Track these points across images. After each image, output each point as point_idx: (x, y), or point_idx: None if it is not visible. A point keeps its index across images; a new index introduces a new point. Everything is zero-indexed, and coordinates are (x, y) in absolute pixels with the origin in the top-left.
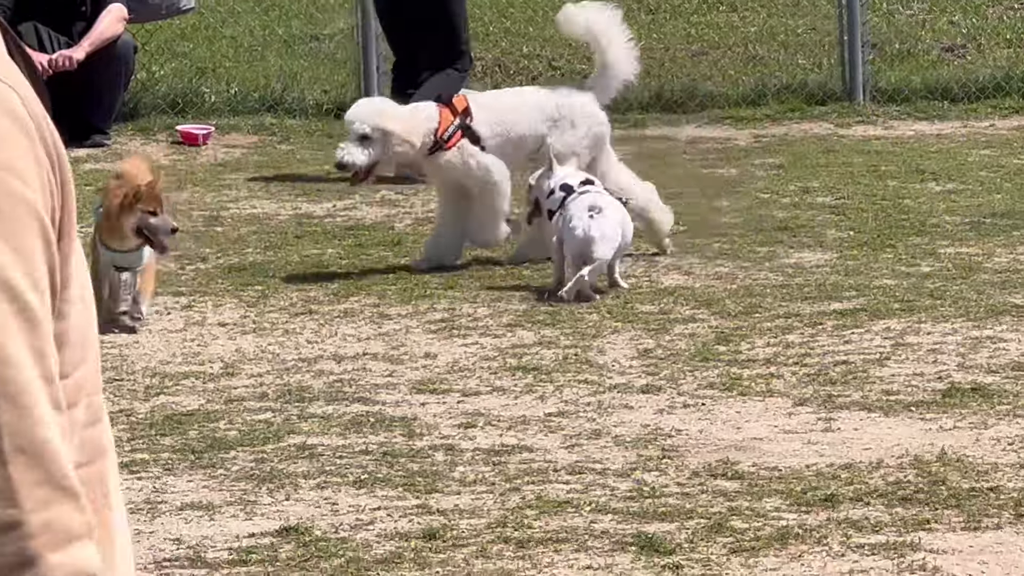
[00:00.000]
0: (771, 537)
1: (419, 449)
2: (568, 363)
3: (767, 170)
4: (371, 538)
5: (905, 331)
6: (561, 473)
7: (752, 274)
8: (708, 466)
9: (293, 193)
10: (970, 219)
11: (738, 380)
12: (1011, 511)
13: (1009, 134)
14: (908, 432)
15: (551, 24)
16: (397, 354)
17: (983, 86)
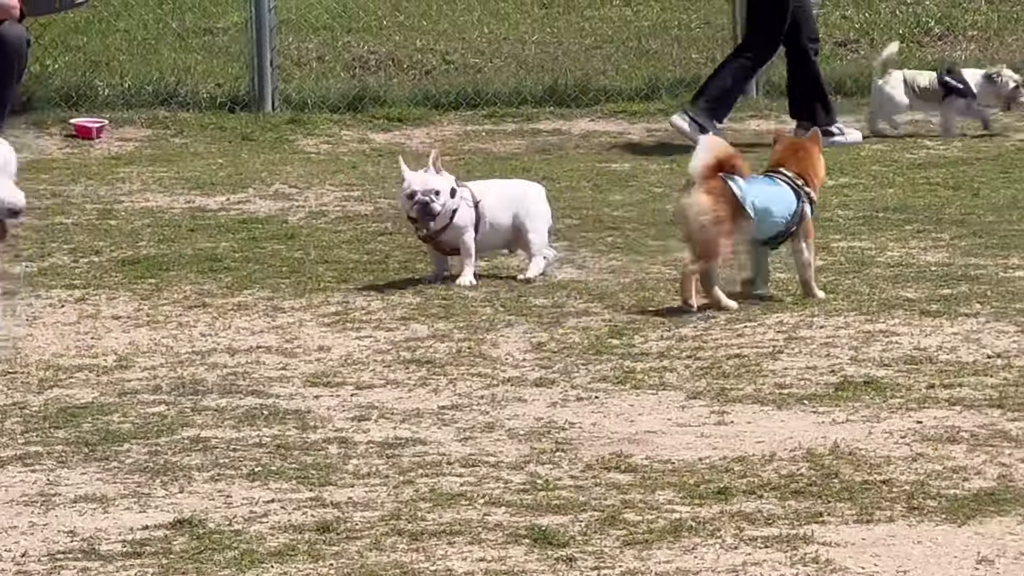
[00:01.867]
0: (664, 530)
1: (313, 442)
2: (462, 356)
3: (660, 164)
4: (264, 531)
5: (798, 325)
6: (455, 466)
7: (645, 267)
8: (601, 459)
9: (187, 186)
10: (863, 213)
11: (631, 373)
12: (903, 504)
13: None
14: (801, 425)
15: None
16: (291, 347)
17: None
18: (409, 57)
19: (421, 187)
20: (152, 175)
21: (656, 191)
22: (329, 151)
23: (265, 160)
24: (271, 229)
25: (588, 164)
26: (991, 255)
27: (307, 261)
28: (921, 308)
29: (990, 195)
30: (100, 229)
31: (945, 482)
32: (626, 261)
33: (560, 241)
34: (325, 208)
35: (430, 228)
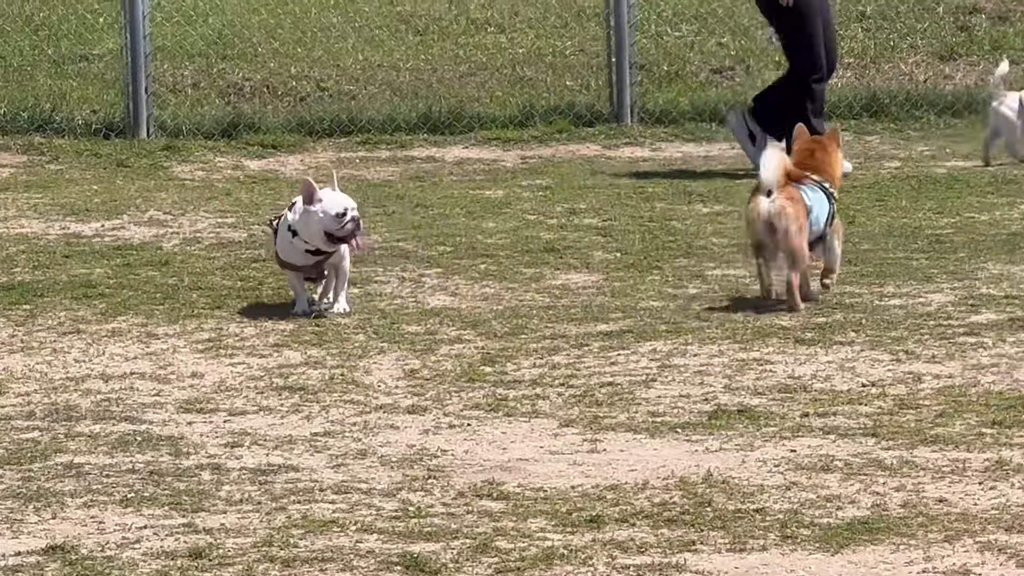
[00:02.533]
0: (536, 558)
1: (185, 468)
2: (334, 383)
3: (534, 191)
4: (137, 557)
5: (672, 353)
6: (327, 492)
7: (519, 295)
8: (474, 486)
9: (62, 213)
10: (737, 241)
11: (504, 401)
12: (777, 533)
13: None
14: (674, 453)
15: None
16: (164, 373)
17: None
18: (284, 84)
19: (351, 204)
20: (27, 201)
21: (529, 218)
22: (203, 178)
23: (140, 187)
24: (145, 256)
25: (462, 191)
26: (866, 283)
27: (181, 287)
28: (795, 336)
29: (866, 223)
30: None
31: (819, 511)
32: (499, 288)
33: (434, 268)
34: (199, 235)
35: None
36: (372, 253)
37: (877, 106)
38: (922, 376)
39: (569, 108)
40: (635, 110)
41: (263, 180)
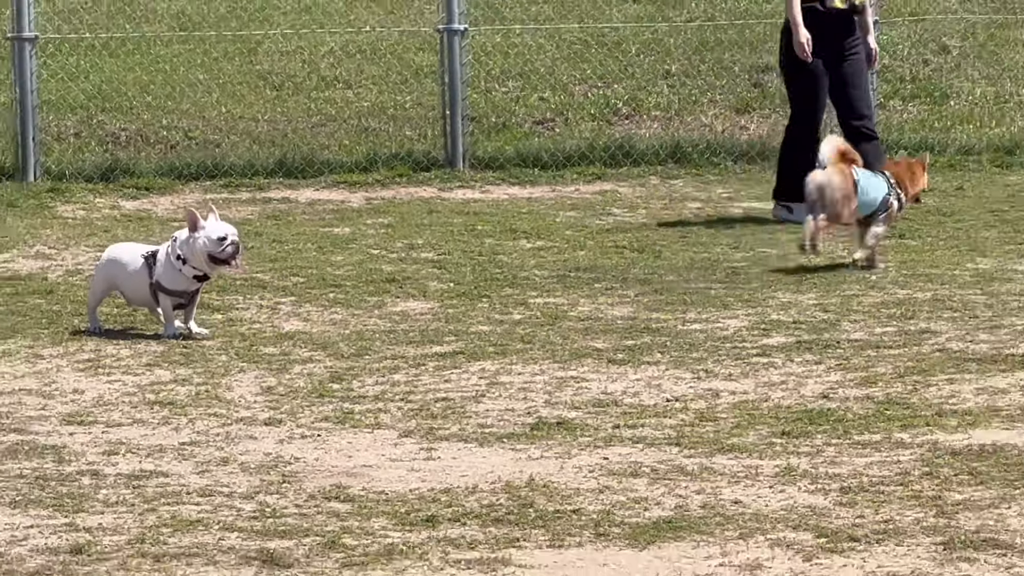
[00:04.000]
0: (379, 553)
1: (68, 474)
2: (200, 399)
3: (377, 229)
4: (24, 552)
5: (499, 371)
6: (193, 495)
7: (363, 320)
8: (323, 490)
9: None
10: (557, 273)
11: (350, 414)
12: (591, 531)
13: (592, 197)
14: (501, 461)
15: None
16: (49, 390)
17: (569, 155)
18: (156, 133)
19: (232, 230)
20: None
21: (373, 252)
22: (84, 216)
23: (28, 224)
24: (32, 285)
25: (313, 228)
26: (671, 310)
27: (64, 314)
28: (608, 357)
29: (671, 257)
30: None
31: (628, 511)
32: (346, 314)
33: (288, 296)
34: (80, 267)
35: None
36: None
37: (681, 153)
38: (719, 392)
39: (408, 155)
40: (467, 157)
41: (137, 219)
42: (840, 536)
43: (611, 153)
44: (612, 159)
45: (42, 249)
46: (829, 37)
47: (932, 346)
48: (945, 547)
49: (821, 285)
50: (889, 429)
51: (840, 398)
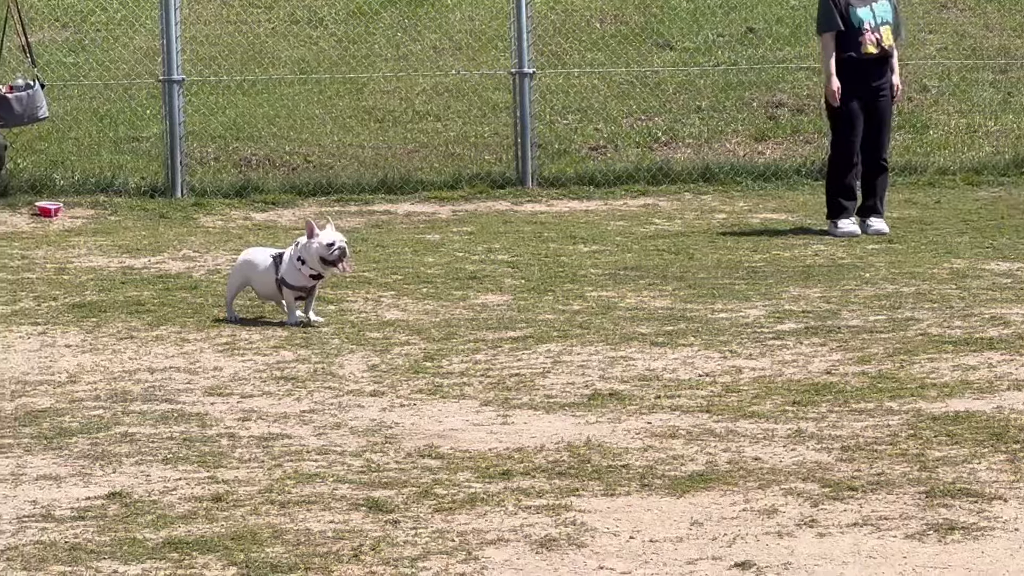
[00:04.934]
0: (464, 500)
1: (209, 436)
2: (317, 374)
3: (462, 235)
4: (174, 500)
5: (561, 352)
6: (312, 454)
7: (450, 310)
8: (418, 449)
9: (120, 251)
10: (609, 271)
11: (440, 387)
12: (638, 482)
13: (637, 210)
14: (563, 425)
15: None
16: (194, 367)
17: (619, 175)
18: (280, 158)
19: (339, 238)
20: (95, 243)
21: (458, 255)
22: (222, 226)
23: (176, 232)
24: (180, 282)
25: (409, 235)
26: (702, 302)
27: (206, 305)
28: (651, 340)
29: (702, 258)
30: (56, 282)
31: (668, 466)
32: (436, 306)
33: (389, 291)
34: (219, 267)
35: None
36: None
37: (710, 174)
38: (742, 369)
39: (487, 175)
40: (534, 177)
41: (265, 227)
42: (841, 486)
43: (652, 173)
44: (653, 178)
45: (188, 252)
46: (865, 80)
47: (916, 331)
48: (927, 495)
49: (824, 282)
50: (881, 399)
51: (841, 373)
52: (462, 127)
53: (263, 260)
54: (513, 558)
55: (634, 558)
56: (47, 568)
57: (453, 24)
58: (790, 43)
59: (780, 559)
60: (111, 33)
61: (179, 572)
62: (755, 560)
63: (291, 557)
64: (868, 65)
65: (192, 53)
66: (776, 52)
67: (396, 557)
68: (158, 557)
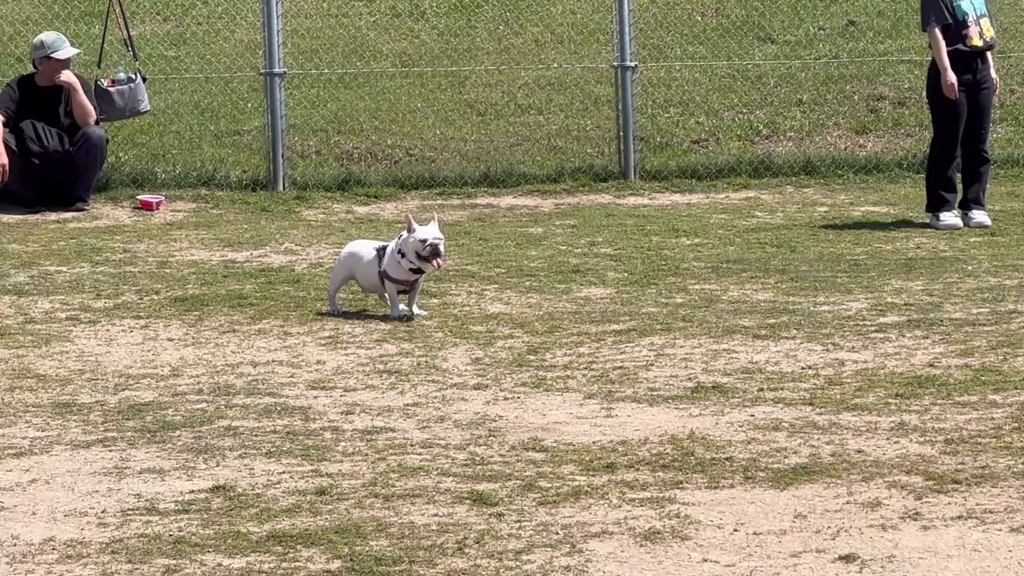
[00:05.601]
0: (568, 493)
1: (313, 430)
2: (420, 368)
3: (564, 228)
4: (278, 494)
5: (664, 345)
6: (416, 447)
7: (554, 303)
8: (522, 442)
9: (221, 245)
10: (711, 264)
11: (544, 380)
12: (741, 475)
13: (739, 203)
14: (667, 418)
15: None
16: (297, 361)
17: (720, 168)
18: (382, 151)
19: (435, 235)
20: (196, 236)
21: (561, 248)
22: (324, 219)
23: (278, 226)
24: (282, 275)
25: (512, 228)
26: (804, 295)
27: (309, 299)
28: (754, 333)
29: (804, 251)
30: (158, 275)
31: (771, 459)
32: (540, 299)
33: (492, 284)
34: (322, 260)
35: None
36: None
37: (811, 167)
38: (844, 362)
39: (589, 168)
40: (637, 170)
41: (367, 221)
42: (945, 479)
43: (754, 167)
44: (755, 171)
45: (290, 246)
46: (970, 72)
47: (1019, 324)
48: None
49: (927, 275)
50: (984, 392)
51: (944, 366)
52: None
53: (367, 252)
54: (617, 551)
55: (738, 551)
56: (152, 561)
57: (555, 17)
58: (891, 36)
59: (884, 552)
60: (212, 27)
61: (283, 565)
62: (859, 553)
63: (395, 550)
64: (973, 57)
65: (293, 46)
66: (877, 45)
67: (500, 550)
68: (262, 550)
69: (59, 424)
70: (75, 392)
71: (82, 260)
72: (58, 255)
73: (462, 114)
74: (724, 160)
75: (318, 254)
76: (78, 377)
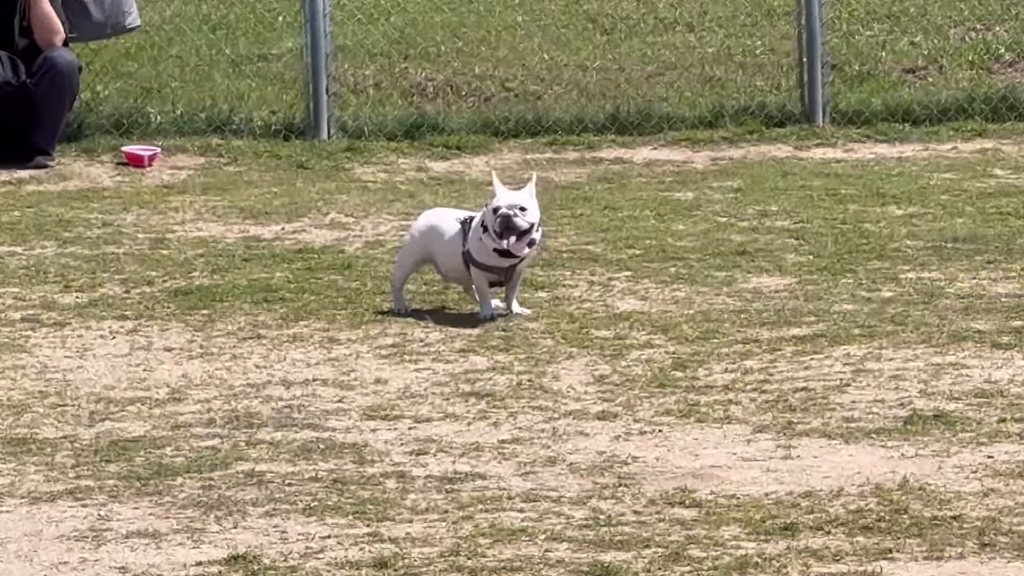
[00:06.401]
0: (730, 567)
1: (370, 476)
2: (522, 389)
3: (724, 193)
4: (321, 567)
5: (866, 357)
6: (515, 501)
7: (709, 299)
8: (665, 494)
9: (240, 215)
10: (932, 243)
11: (696, 406)
12: (975, 540)
13: (971, 157)
14: (869, 460)
15: (504, 44)
16: (347, 379)
17: (945, 108)
18: (468, 84)
19: (508, 201)
20: (205, 204)
21: (720, 220)
22: (386, 179)
23: (320, 189)
24: (327, 259)
25: (651, 193)
26: None
27: (364, 292)
28: (992, 340)
29: None
30: (152, 259)
31: (1017, 518)
32: (690, 292)
33: (623, 271)
34: (382, 238)
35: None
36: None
37: None
38: None
39: (759, 108)
40: (827, 110)
41: (447, 182)
42: None
43: (992, 106)
44: (994, 113)
45: (337, 217)
46: None
47: None
48: None
49: None
50: None
51: None
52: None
53: (449, 226)
54: None
55: None
56: None
57: None
58: None
59: None
60: None
61: None
62: None
63: None
64: None
65: None
66: None
67: None
68: None
69: (13, 469)
70: (35, 424)
71: (44, 237)
72: (10, 230)
73: (580, 32)
74: (950, 97)
75: (377, 228)
76: (39, 402)
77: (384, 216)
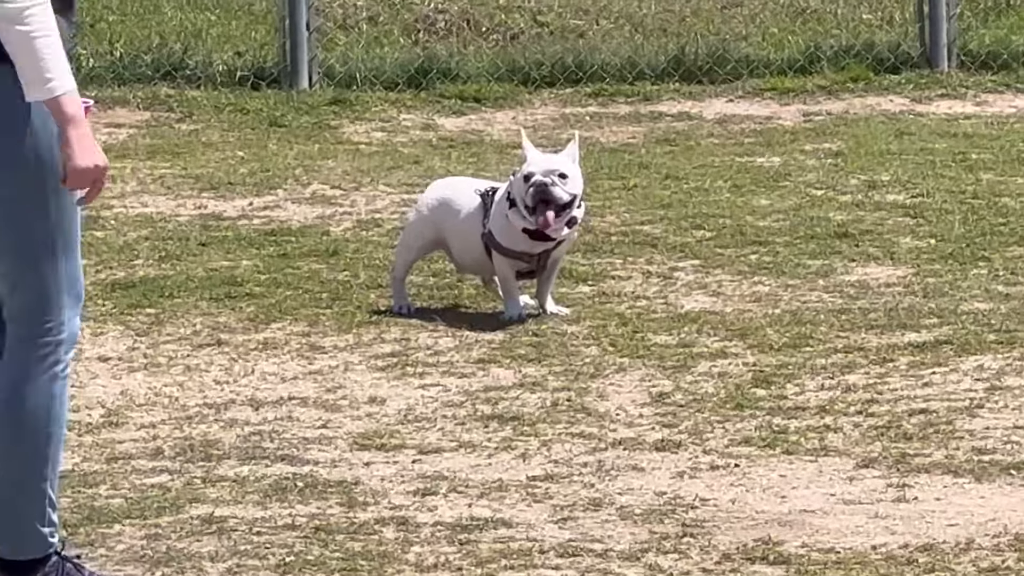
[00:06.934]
0: None
1: (362, 523)
2: (559, 411)
3: (821, 158)
4: None
5: (1003, 370)
6: (549, 555)
7: (801, 295)
8: (743, 547)
9: (197, 187)
10: None
11: (783, 434)
12: None
13: None
14: (1008, 503)
15: None
16: (333, 398)
17: None
18: (489, 18)
19: (544, 167)
20: (151, 172)
21: (815, 193)
22: (384, 140)
23: (299, 152)
24: (307, 243)
25: (725, 158)
26: None
27: (355, 286)
28: None
29: None
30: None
31: None
32: (776, 286)
33: (689, 259)
34: (378, 216)
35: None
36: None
37: None
38: None
39: (867, 49)
40: (953, 52)
41: (463, 143)
42: None
43: None
44: None
45: (321, 189)
46: None
47: None
48: None
49: None
50: None
51: None
52: None
53: (466, 200)
54: None
55: None
56: None
57: None
58: None
59: None
60: None
61: None
62: None
63: None
64: None
65: None
66: None
67: None
68: None
69: None
70: None
71: None
72: None
73: None
74: None
75: (372, 204)
76: None
77: (381, 188)
